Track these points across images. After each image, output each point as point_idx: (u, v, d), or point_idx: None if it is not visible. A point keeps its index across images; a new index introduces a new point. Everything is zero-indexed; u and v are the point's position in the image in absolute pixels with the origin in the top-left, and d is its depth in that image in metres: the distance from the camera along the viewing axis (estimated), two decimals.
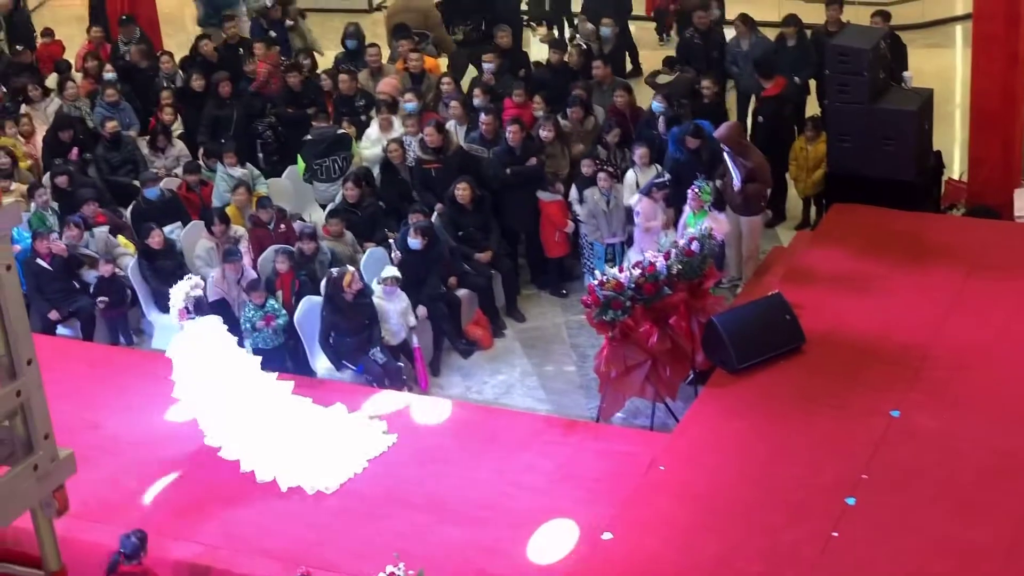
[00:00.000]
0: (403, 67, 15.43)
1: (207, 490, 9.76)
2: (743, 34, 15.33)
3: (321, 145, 13.81)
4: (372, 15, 21.13)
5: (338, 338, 11.40)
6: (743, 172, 12.13)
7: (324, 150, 13.79)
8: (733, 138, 12.35)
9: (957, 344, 10.50)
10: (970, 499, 8.78)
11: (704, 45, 15.46)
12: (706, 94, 13.91)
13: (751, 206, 12.27)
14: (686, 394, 10.84)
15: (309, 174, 13.78)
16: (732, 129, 12.47)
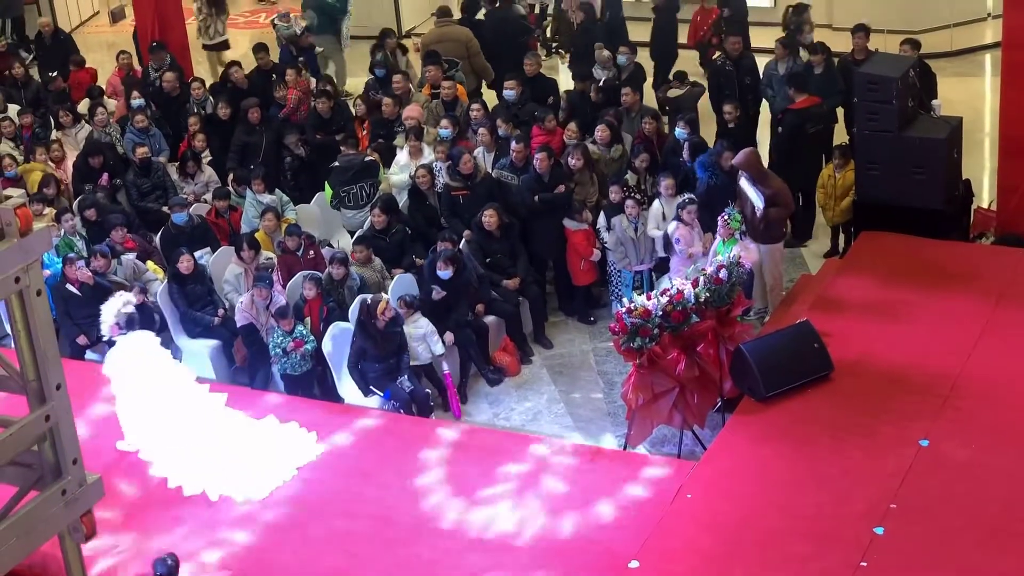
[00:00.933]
0: (428, 93, 15.49)
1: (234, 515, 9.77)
2: (781, 57, 15.35)
3: (349, 172, 13.86)
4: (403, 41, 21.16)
5: (366, 364, 11.42)
6: (764, 197, 12.12)
7: (352, 177, 13.84)
8: (751, 163, 12.35)
9: (986, 373, 10.43)
10: (999, 529, 8.72)
11: (735, 71, 15.48)
12: (728, 119, 13.90)
13: (773, 232, 12.22)
14: (714, 422, 10.81)
15: (337, 201, 13.84)
16: (750, 155, 12.46)
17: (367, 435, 10.74)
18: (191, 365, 12.54)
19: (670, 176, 12.70)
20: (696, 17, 18.41)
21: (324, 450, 10.46)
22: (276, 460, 10.28)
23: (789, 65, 15.34)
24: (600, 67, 15.79)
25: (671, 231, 12.27)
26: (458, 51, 16.96)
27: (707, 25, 18.24)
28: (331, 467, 10.32)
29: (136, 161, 14.76)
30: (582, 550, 9.03)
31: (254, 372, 12.25)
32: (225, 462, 10.14)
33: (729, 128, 13.89)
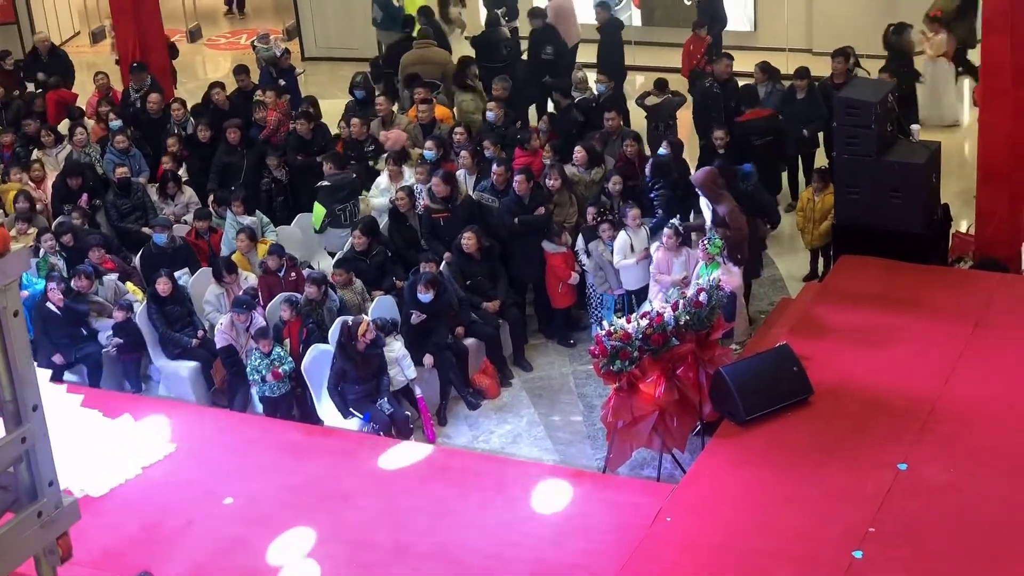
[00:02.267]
0: (414, 115, 15.53)
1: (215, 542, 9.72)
2: (761, 81, 15.42)
3: (344, 191, 13.92)
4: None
5: (346, 386, 11.40)
6: (714, 217, 12.21)
7: (346, 195, 13.90)
8: (706, 183, 12.44)
9: (965, 397, 10.46)
10: (977, 553, 8.73)
11: (723, 95, 15.53)
12: (718, 144, 13.92)
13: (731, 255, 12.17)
14: (693, 445, 10.81)
15: (329, 220, 13.78)
16: (708, 174, 12.56)
17: (346, 457, 10.71)
18: (170, 387, 12.57)
19: (636, 206, 12.66)
20: (689, 46, 18.51)
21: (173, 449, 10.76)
22: (123, 458, 10.41)
23: (768, 89, 15.42)
24: (576, 88, 15.83)
25: (652, 249, 12.29)
26: (436, 73, 17.02)
27: (700, 53, 18.33)
28: (309, 490, 10.28)
29: (116, 182, 14.73)
30: (562, 573, 9.01)
31: (233, 394, 12.22)
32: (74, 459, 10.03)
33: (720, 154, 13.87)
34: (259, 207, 14.24)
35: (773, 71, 15.59)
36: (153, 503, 10.18)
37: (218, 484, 10.38)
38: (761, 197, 13.28)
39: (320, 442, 11.00)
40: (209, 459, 10.82)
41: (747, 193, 12.86)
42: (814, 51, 19.15)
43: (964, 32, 17.76)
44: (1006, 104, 12.55)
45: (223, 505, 10.11)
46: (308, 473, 10.51)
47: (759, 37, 20.23)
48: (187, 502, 10.20)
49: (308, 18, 21.13)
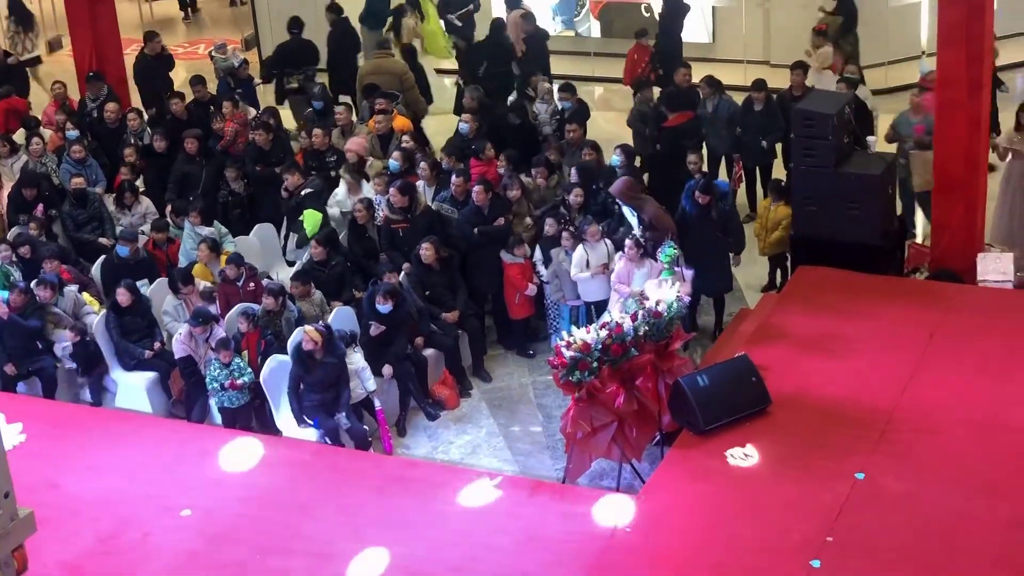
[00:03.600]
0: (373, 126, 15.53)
1: (172, 555, 9.64)
2: (708, 96, 15.50)
3: (324, 195, 13.97)
4: None
5: (304, 394, 11.37)
6: (641, 222, 12.30)
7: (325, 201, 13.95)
8: (627, 193, 12.54)
9: (921, 407, 10.54)
10: (934, 562, 8.79)
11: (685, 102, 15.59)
12: (692, 168, 13.88)
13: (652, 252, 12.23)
14: (652, 456, 10.83)
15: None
16: (625, 184, 12.67)
17: (305, 469, 10.66)
18: (127, 398, 12.48)
19: (595, 222, 12.67)
20: (632, 55, 18.58)
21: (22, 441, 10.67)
22: None
23: (715, 102, 15.48)
24: (540, 100, 15.85)
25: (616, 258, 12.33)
26: (393, 84, 17.03)
27: (644, 62, 18.41)
28: (268, 501, 10.23)
29: (72, 192, 14.63)
30: None
31: (191, 405, 12.15)
32: None
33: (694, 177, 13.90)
34: (216, 218, 14.17)
35: (717, 84, 15.64)
36: (110, 515, 10.09)
37: (176, 496, 10.31)
38: (733, 219, 13.33)
39: (279, 453, 10.95)
40: (167, 471, 10.74)
41: (721, 212, 12.88)
42: (772, 63, 19.28)
43: (849, 47, 17.98)
44: (961, 116, 12.66)
45: (180, 517, 10.04)
46: (266, 484, 10.45)
47: (717, 49, 20.37)
48: (144, 514, 10.11)
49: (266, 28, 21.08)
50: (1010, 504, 9.27)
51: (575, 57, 20.62)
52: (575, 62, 20.20)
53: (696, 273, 11.99)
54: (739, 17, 20.15)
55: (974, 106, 12.62)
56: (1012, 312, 11.95)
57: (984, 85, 12.72)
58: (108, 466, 10.76)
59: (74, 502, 10.27)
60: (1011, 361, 11.04)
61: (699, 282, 12.25)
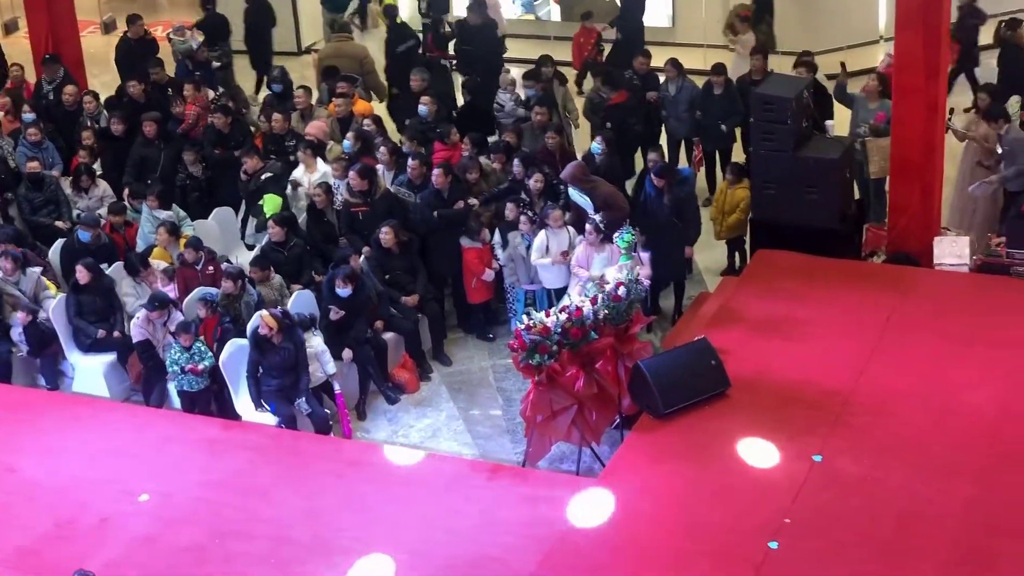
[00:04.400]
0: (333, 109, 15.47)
1: (130, 539, 9.60)
2: (672, 78, 15.54)
3: (283, 180, 13.91)
4: (300, 58, 21.10)
5: (263, 378, 11.34)
6: (594, 205, 12.34)
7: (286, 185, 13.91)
8: (577, 176, 12.59)
9: (878, 389, 10.61)
10: (891, 543, 8.85)
11: (643, 89, 15.60)
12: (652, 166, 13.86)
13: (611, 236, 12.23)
14: (612, 439, 10.87)
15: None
16: (576, 168, 12.73)
17: (264, 452, 10.63)
18: (85, 383, 12.41)
19: (558, 208, 12.68)
20: (579, 38, 18.57)
21: None
22: None
23: (679, 85, 15.53)
24: (503, 90, 15.79)
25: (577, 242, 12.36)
26: (353, 67, 16.97)
27: (590, 45, 18.44)
28: (227, 485, 10.20)
29: (27, 175, 14.51)
30: (481, 567, 9.00)
31: (149, 389, 12.10)
32: None
33: None
34: (175, 202, 14.09)
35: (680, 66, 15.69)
36: (67, 500, 10.04)
37: (134, 481, 10.26)
38: (689, 207, 13.24)
39: (238, 437, 10.91)
40: (125, 455, 10.68)
41: (676, 198, 12.86)
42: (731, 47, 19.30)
43: (764, 35, 18.08)
44: (919, 100, 12.72)
45: (139, 502, 10.00)
46: (225, 469, 10.42)
47: (677, 33, 20.40)
48: (102, 499, 10.06)
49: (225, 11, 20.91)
50: (966, 486, 9.35)
51: (535, 41, 20.60)
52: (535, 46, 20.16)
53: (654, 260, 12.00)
54: (699, 1, 20.17)
55: (931, 90, 12.69)
56: (968, 295, 12.04)
57: (941, 70, 12.79)
58: (65, 451, 10.69)
59: (31, 487, 10.21)
60: (966, 344, 11.13)
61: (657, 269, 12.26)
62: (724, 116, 15.26)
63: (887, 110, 13.58)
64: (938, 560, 8.65)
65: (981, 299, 11.90)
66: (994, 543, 8.77)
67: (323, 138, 14.83)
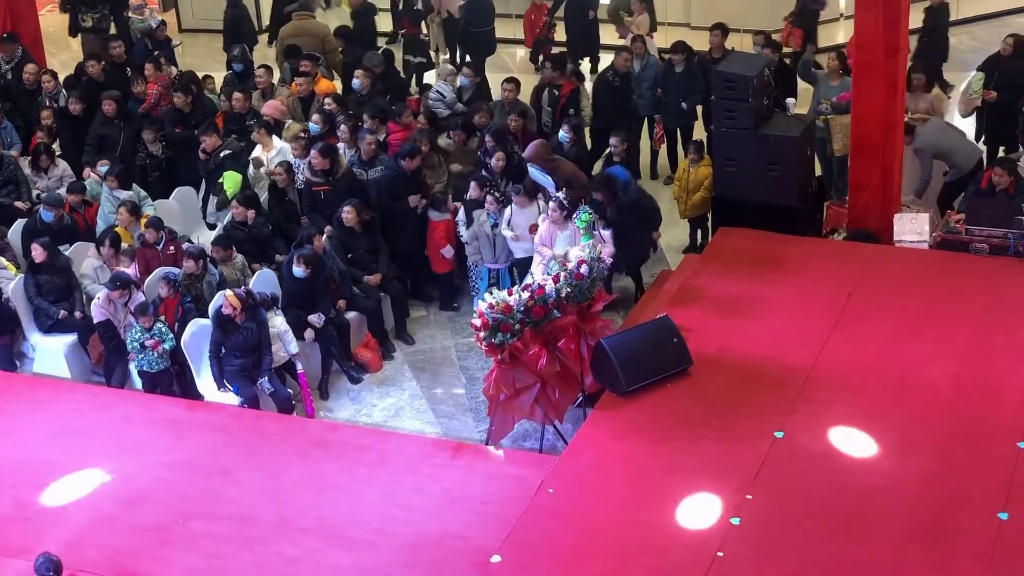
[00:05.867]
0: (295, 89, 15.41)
1: (92, 520, 9.58)
2: (639, 55, 15.55)
3: (243, 158, 13.88)
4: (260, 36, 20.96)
5: (226, 358, 11.31)
6: (556, 184, 12.36)
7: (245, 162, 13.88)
8: (539, 155, 12.64)
9: (839, 365, 10.68)
10: (851, 519, 8.92)
11: (621, 87, 15.52)
12: (614, 151, 13.87)
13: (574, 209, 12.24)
14: (575, 416, 10.90)
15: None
16: (538, 147, 12.77)
17: (227, 432, 10.62)
18: (45, 363, 12.34)
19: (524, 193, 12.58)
20: (530, 16, 18.56)
21: None
22: None
23: (644, 62, 15.56)
24: (442, 80, 15.68)
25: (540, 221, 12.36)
26: (315, 46, 16.90)
27: (541, 22, 18.45)
28: (190, 465, 10.18)
29: None
30: (444, 545, 9.03)
31: (111, 370, 12.04)
32: None
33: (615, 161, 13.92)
34: (135, 181, 14.00)
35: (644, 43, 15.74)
36: (28, 481, 9.99)
37: (96, 461, 10.23)
38: (643, 203, 13.01)
39: (200, 417, 10.89)
40: (86, 436, 10.65)
41: (630, 202, 12.66)
42: (692, 25, 19.34)
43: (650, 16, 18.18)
44: (878, 77, 12.77)
45: (101, 482, 9.97)
46: (188, 449, 10.40)
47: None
48: (63, 480, 10.04)
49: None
50: (924, 461, 9.43)
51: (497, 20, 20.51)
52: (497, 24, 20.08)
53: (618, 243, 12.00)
54: None
55: (891, 68, 12.75)
56: (927, 272, 12.13)
57: (901, 48, 12.85)
58: (27, 432, 10.64)
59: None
60: (926, 320, 11.22)
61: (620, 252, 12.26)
62: (685, 94, 15.29)
63: (849, 88, 13.64)
64: (897, 534, 8.73)
65: (940, 276, 11.99)
66: (952, 517, 8.85)
67: (280, 118, 14.78)
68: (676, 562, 8.63)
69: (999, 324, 11.11)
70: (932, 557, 8.50)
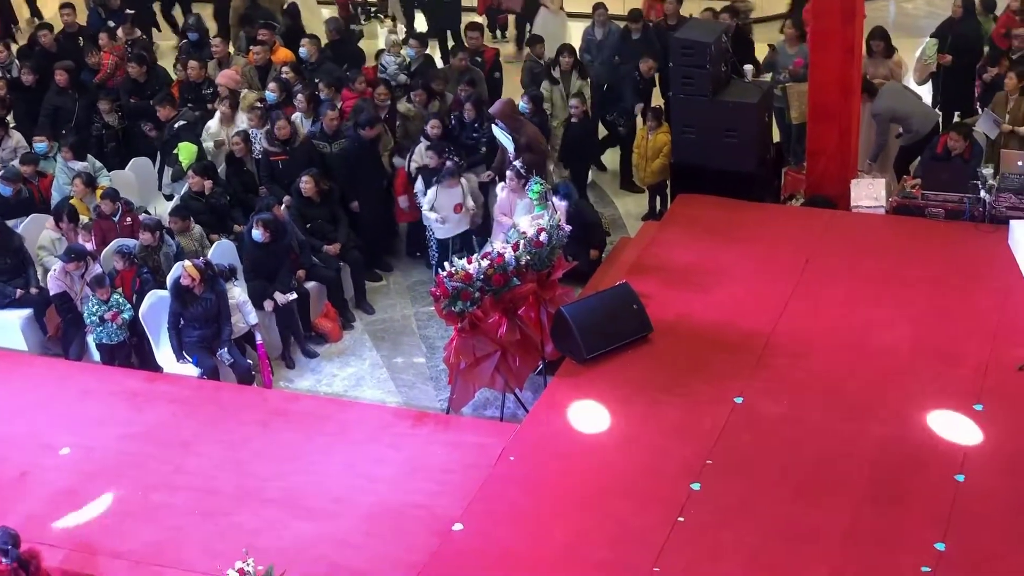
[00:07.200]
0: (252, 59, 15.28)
1: (52, 493, 9.54)
2: (603, 22, 15.52)
3: (198, 128, 13.78)
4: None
5: (185, 329, 11.25)
6: (517, 145, 12.40)
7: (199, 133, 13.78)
8: (506, 113, 12.66)
9: (797, 331, 10.75)
10: (810, 482, 9.00)
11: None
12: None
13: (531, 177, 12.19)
14: (535, 384, 10.93)
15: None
16: (506, 105, 12.81)
17: (186, 403, 10.59)
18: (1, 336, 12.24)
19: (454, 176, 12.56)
20: None
21: None
22: None
23: (606, 30, 15.54)
24: (387, 52, 15.57)
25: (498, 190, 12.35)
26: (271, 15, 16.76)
27: None
28: (149, 437, 10.15)
29: None
30: (406, 514, 9.05)
31: (68, 342, 11.96)
32: None
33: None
34: (90, 152, 13.88)
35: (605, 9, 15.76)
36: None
37: (54, 434, 10.19)
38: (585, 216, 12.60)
39: (160, 389, 10.85)
40: (44, 409, 10.60)
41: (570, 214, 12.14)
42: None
43: None
44: (835, 43, 12.79)
45: (59, 456, 9.93)
46: (148, 421, 10.36)
47: None
48: (21, 453, 10.00)
49: None
50: (881, 425, 9.51)
51: None
52: None
53: None
54: None
55: (847, 34, 12.76)
56: (883, 237, 12.19)
57: (857, 14, 12.87)
58: None
59: None
60: (883, 285, 11.30)
61: None
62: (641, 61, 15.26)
63: (805, 55, 13.67)
64: (855, 497, 8.80)
65: (897, 240, 12.07)
66: (909, 480, 8.94)
67: (235, 87, 14.66)
68: (637, 528, 8.68)
69: (955, 288, 11.21)
70: (889, 519, 8.58)
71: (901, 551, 8.31)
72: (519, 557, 8.59)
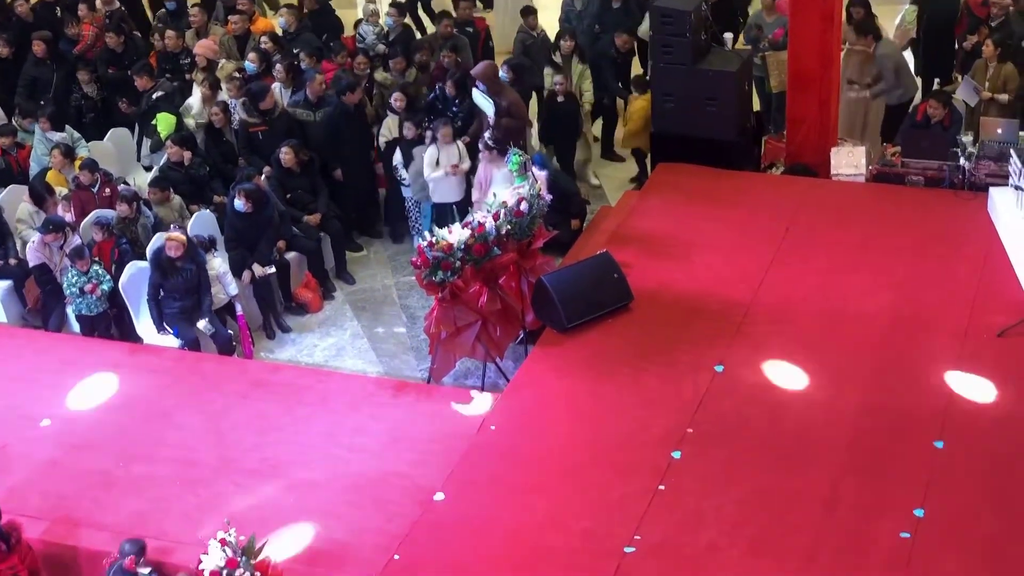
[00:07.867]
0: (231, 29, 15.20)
1: (33, 465, 9.52)
2: None
3: (175, 99, 13.70)
4: None
5: (165, 300, 11.23)
6: (497, 108, 12.38)
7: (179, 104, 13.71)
8: (488, 76, 12.63)
9: (777, 299, 10.77)
10: (790, 450, 9.04)
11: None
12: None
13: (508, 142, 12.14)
14: (516, 354, 10.94)
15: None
16: (488, 67, 12.79)
17: (167, 374, 10.57)
18: None
19: (447, 124, 12.55)
20: None
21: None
22: None
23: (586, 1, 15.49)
24: (365, 21, 15.47)
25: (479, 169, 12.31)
26: None
27: None
28: (130, 408, 10.14)
29: None
30: (388, 484, 9.06)
31: (47, 314, 11.93)
32: None
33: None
34: (69, 123, 13.81)
35: None
36: None
37: (34, 406, 10.16)
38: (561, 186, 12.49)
39: (140, 360, 10.83)
40: (24, 381, 10.58)
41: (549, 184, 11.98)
42: None
43: None
44: (814, 11, 12.78)
45: (40, 427, 9.92)
46: (128, 392, 10.35)
47: None
48: (2, 425, 9.96)
49: None
50: (859, 393, 9.56)
51: None
52: None
53: None
54: None
55: (827, 2, 12.76)
56: (863, 205, 12.22)
57: None
58: None
59: None
60: (861, 253, 11.33)
61: None
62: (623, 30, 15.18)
63: (785, 24, 13.65)
64: (836, 465, 8.84)
65: (877, 208, 12.09)
66: (888, 447, 8.98)
67: (213, 57, 14.56)
68: (618, 496, 8.71)
69: (933, 255, 11.25)
70: (870, 487, 8.63)
71: (881, 518, 8.36)
72: (500, 526, 8.62)
